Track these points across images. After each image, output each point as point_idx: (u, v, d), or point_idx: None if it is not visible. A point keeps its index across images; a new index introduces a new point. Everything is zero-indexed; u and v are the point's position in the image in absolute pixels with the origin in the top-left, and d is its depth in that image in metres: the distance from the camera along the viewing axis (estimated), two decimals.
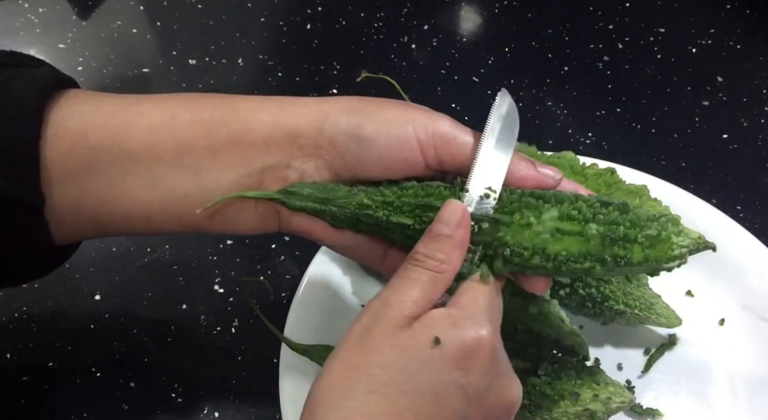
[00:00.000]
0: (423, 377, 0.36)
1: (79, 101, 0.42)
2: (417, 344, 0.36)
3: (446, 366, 0.36)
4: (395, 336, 0.37)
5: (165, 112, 0.42)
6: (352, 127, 0.41)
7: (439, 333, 0.36)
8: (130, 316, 0.59)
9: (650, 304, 0.54)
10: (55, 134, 0.40)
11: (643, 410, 0.52)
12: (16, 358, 0.56)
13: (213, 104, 0.43)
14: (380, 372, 0.36)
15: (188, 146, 0.41)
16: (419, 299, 0.38)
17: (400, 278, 0.39)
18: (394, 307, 0.37)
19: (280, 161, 0.42)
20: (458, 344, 0.37)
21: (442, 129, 0.41)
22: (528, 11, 0.85)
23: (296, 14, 0.84)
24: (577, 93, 0.76)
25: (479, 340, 0.37)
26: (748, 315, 0.56)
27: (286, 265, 0.62)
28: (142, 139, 0.41)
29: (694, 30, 0.82)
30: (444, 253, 0.39)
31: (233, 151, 0.42)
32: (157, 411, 0.54)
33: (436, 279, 0.39)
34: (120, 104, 0.42)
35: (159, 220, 0.43)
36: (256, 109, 0.43)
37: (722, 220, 0.59)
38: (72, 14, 0.83)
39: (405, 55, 0.79)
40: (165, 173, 0.41)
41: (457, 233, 0.39)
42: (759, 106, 0.75)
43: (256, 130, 0.42)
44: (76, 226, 0.43)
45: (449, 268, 0.39)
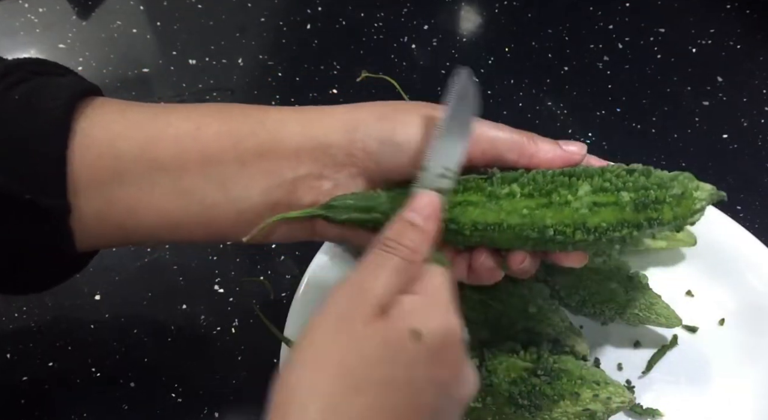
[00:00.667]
0: (402, 371, 0.36)
1: (106, 110, 0.42)
2: (396, 337, 0.36)
3: (423, 361, 0.36)
4: (373, 327, 0.36)
5: (191, 123, 0.42)
6: (384, 133, 0.42)
7: (415, 324, 0.36)
8: (130, 316, 0.59)
9: (650, 304, 0.54)
10: (83, 143, 0.40)
11: (643, 410, 0.52)
12: (16, 358, 0.56)
13: (240, 115, 0.43)
14: (360, 366, 0.35)
15: (216, 157, 0.41)
16: (390, 285, 0.37)
17: (369, 264, 0.38)
18: (366, 294, 0.37)
19: (312, 171, 0.42)
20: (433, 337, 0.36)
21: None
22: (528, 11, 0.85)
23: (296, 14, 0.84)
24: (577, 93, 0.76)
25: (451, 332, 0.37)
26: (748, 315, 0.56)
27: (286, 265, 0.62)
28: (170, 150, 0.41)
29: (694, 30, 0.82)
30: (413, 242, 0.39)
31: (262, 162, 0.42)
32: (157, 411, 0.54)
33: (405, 266, 0.38)
34: (147, 114, 0.42)
35: (186, 230, 0.43)
36: (285, 119, 0.43)
37: (722, 220, 0.59)
38: (72, 14, 0.83)
39: (405, 55, 0.79)
40: (192, 184, 0.41)
41: (428, 225, 0.40)
42: (759, 106, 0.75)
43: (286, 140, 0.42)
44: (101, 234, 0.43)
45: (419, 259, 0.39)
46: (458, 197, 0.43)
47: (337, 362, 0.35)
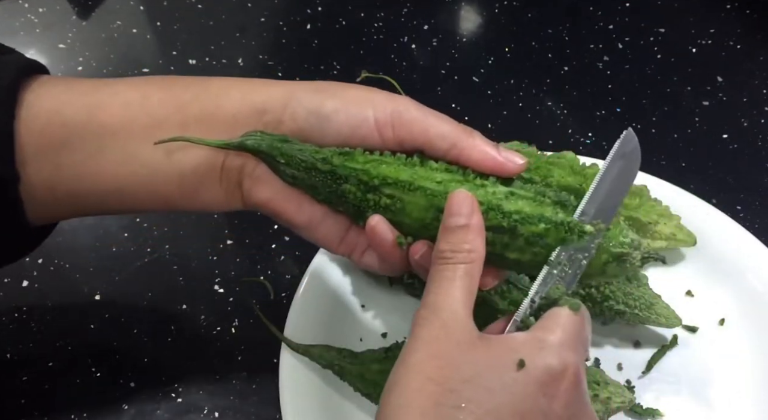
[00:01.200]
0: (507, 398, 0.35)
1: (53, 84, 0.43)
2: (500, 364, 0.36)
3: (531, 390, 0.36)
4: (472, 350, 0.36)
5: (138, 92, 0.43)
6: (313, 103, 0.43)
7: (524, 355, 0.36)
8: (130, 316, 0.59)
9: (650, 304, 0.54)
10: (29, 114, 0.41)
11: (643, 410, 0.52)
12: (16, 358, 0.56)
13: (185, 83, 0.44)
14: (463, 388, 0.35)
15: (160, 121, 0.42)
16: (463, 296, 0.38)
17: (436, 281, 0.39)
18: (447, 312, 0.37)
19: None
20: (544, 369, 0.36)
21: (399, 109, 0.43)
22: (528, 11, 0.85)
23: (296, 14, 0.84)
24: (577, 93, 0.76)
25: (565, 366, 0.37)
26: (748, 315, 0.56)
27: (286, 265, 0.62)
28: (116, 116, 0.42)
29: (694, 30, 0.82)
30: (468, 243, 0.39)
31: (203, 126, 0.43)
32: (157, 411, 0.54)
33: (470, 270, 0.39)
34: (93, 85, 0.43)
35: (132, 196, 0.44)
36: (228, 87, 0.44)
37: (722, 220, 0.59)
38: (72, 14, 0.83)
39: (405, 55, 0.79)
40: (138, 148, 0.42)
41: (473, 220, 0.40)
42: (759, 106, 0.75)
43: (226, 105, 0.43)
44: (52, 203, 0.43)
45: (477, 256, 0.39)
46: (374, 156, 0.43)
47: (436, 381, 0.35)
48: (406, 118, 0.42)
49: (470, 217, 0.40)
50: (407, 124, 0.42)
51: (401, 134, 0.43)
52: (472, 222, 0.40)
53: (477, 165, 0.43)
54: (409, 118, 0.42)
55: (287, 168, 0.43)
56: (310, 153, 0.43)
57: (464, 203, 0.40)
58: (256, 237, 0.64)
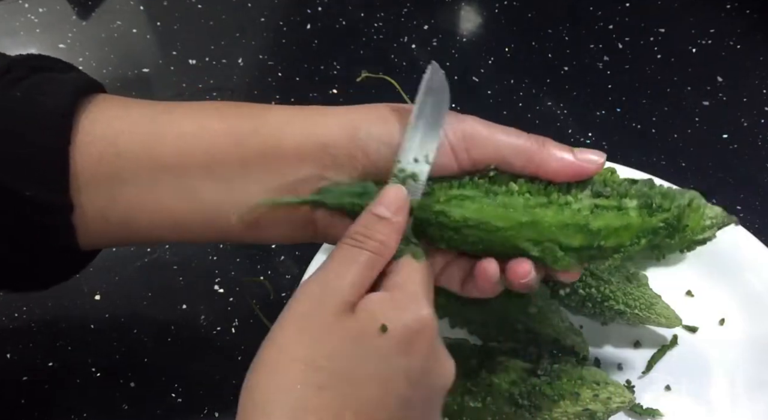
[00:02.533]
0: (371, 366, 0.36)
1: (108, 107, 0.42)
2: (364, 333, 0.36)
3: (392, 352, 0.36)
4: (340, 324, 0.36)
5: (194, 122, 0.42)
6: (384, 135, 0.41)
7: (384, 319, 0.36)
8: (130, 316, 0.59)
9: (650, 304, 0.54)
10: (84, 140, 0.40)
11: (643, 410, 0.52)
12: (16, 358, 0.56)
13: (243, 114, 0.43)
14: (328, 364, 0.35)
15: (218, 156, 0.41)
16: (357, 282, 0.37)
17: (337, 259, 0.38)
18: (331, 290, 0.37)
19: (314, 172, 0.42)
20: (402, 329, 0.36)
21: (469, 130, 0.41)
22: (528, 11, 0.85)
23: (296, 14, 0.84)
24: (577, 93, 0.76)
25: (422, 322, 0.37)
26: (748, 315, 0.56)
27: (286, 265, 0.62)
28: (172, 149, 0.41)
29: (694, 30, 0.82)
30: (384, 236, 0.39)
31: (264, 162, 0.41)
32: (157, 411, 0.54)
33: (375, 261, 0.38)
34: (149, 112, 0.42)
35: (189, 229, 0.43)
36: (287, 119, 0.42)
37: None
38: (72, 14, 0.83)
39: (405, 55, 0.79)
40: (195, 183, 0.41)
41: (397, 218, 0.39)
42: (759, 106, 0.75)
43: (287, 140, 0.41)
44: (104, 232, 0.42)
45: (387, 252, 0.39)
46: (453, 191, 0.42)
47: (302, 360, 0.35)
48: (478, 139, 0.41)
49: (395, 214, 0.39)
50: (480, 146, 0.41)
51: (475, 156, 0.42)
52: (396, 219, 0.39)
53: (556, 175, 0.41)
54: (481, 139, 0.41)
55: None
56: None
57: (395, 199, 0.40)
58: None
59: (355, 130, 0.42)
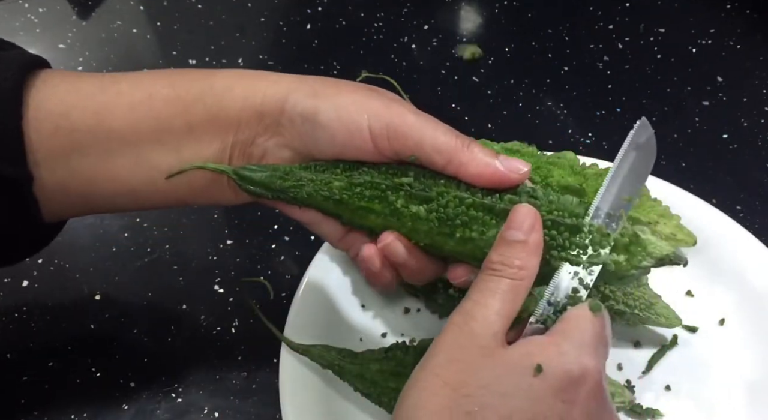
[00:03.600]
0: (523, 403, 0.35)
1: (57, 82, 0.42)
2: (518, 369, 0.35)
3: (548, 395, 0.35)
4: (492, 356, 0.36)
5: (143, 91, 0.43)
6: (308, 110, 0.42)
7: (541, 360, 0.35)
8: (130, 316, 0.59)
9: (650, 304, 0.54)
10: (37, 116, 0.41)
11: (643, 410, 0.52)
12: (16, 358, 0.56)
13: (189, 80, 0.44)
14: (479, 393, 0.35)
15: (167, 123, 0.42)
16: (502, 310, 0.37)
17: (478, 290, 0.38)
18: (479, 321, 0.37)
19: (247, 137, 0.44)
20: (562, 373, 0.35)
21: (395, 121, 0.42)
22: (528, 11, 0.85)
23: (296, 14, 0.84)
24: (577, 93, 0.76)
25: (584, 371, 0.36)
26: (748, 315, 0.56)
27: (286, 265, 0.62)
28: (124, 119, 0.42)
29: (694, 30, 0.82)
30: (520, 260, 0.38)
31: (209, 127, 0.43)
32: (157, 411, 0.54)
33: (516, 287, 0.38)
34: (98, 84, 0.43)
35: (145, 197, 0.44)
36: (231, 85, 0.43)
37: (722, 220, 0.59)
38: (72, 14, 0.83)
39: (405, 55, 0.79)
40: (148, 151, 0.42)
41: (531, 237, 0.39)
42: (759, 106, 0.75)
43: (230, 106, 0.43)
44: (65, 204, 0.43)
45: (527, 274, 0.38)
46: (360, 202, 0.43)
47: (451, 385, 0.35)
48: (401, 130, 0.41)
49: (529, 233, 0.39)
50: (402, 137, 0.41)
51: (396, 146, 0.42)
52: (530, 239, 0.39)
53: (476, 180, 0.41)
54: (405, 131, 0.41)
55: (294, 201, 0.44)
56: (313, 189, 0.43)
57: (527, 218, 0.39)
58: (256, 237, 0.64)
59: (284, 101, 0.43)
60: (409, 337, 0.55)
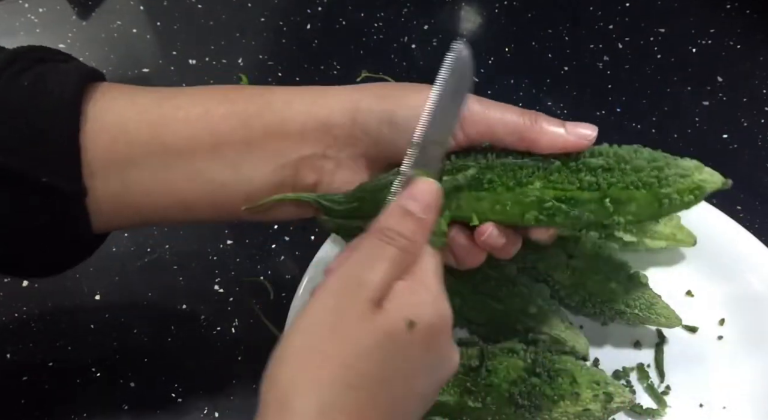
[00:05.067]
0: (397, 364, 0.36)
1: (115, 95, 0.43)
2: (393, 331, 0.36)
3: (416, 350, 0.36)
4: (371, 320, 0.36)
5: (200, 106, 0.43)
6: (384, 114, 0.42)
7: (409, 314, 0.36)
8: (130, 316, 0.59)
9: (650, 304, 0.54)
10: (94, 128, 0.41)
11: (643, 410, 0.52)
12: (16, 358, 0.56)
13: (247, 96, 0.44)
14: (358, 362, 0.35)
15: (224, 138, 0.42)
16: (386, 279, 0.37)
17: (368, 254, 0.38)
18: (362, 287, 0.36)
19: (315, 151, 0.43)
20: (427, 326, 0.37)
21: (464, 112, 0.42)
22: (528, 11, 0.85)
23: (296, 14, 0.84)
24: (577, 93, 0.76)
25: (442, 317, 0.38)
26: (748, 315, 0.56)
27: (286, 265, 0.62)
28: (180, 133, 0.42)
29: (694, 30, 0.82)
30: (413, 233, 0.38)
31: (268, 143, 0.43)
32: (157, 411, 0.54)
33: (404, 259, 0.38)
34: (155, 98, 0.43)
35: (198, 210, 0.44)
36: (290, 100, 0.43)
37: (722, 220, 0.59)
38: (72, 14, 0.83)
39: (405, 55, 0.79)
40: (203, 165, 0.42)
41: (427, 214, 0.39)
42: (759, 106, 0.75)
43: (291, 121, 0.43)
44: (117, 216, 0.43)
45: (416, 250, 0.39)
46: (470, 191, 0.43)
47: (332, 359, 0.35)
48: (471, 118, 0.42)
49: (425, 211, 0.39)
50: (473, 124, 0.42)
51: (470, 133, 0.43)
52: (425, 217, 0.39)
53: (549, 150, 0.43)
54: (475, 117, 0.42)
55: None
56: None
57: (426, 195, 0.40)
58: (256, 237, 0.64)
59: (355, 110, 0.43)
60: None
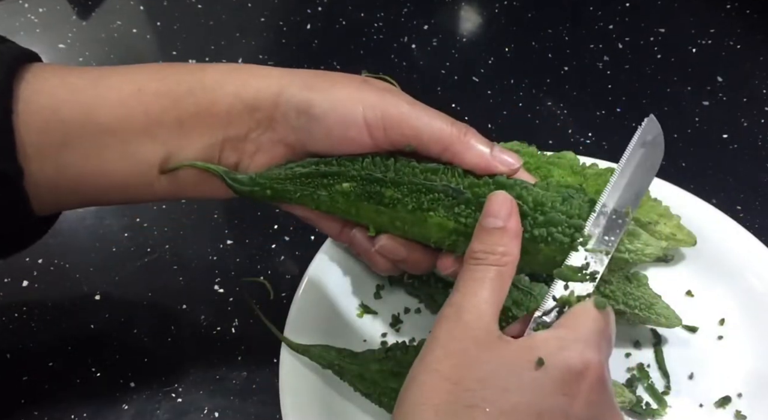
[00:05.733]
0: (525, 397, 0.35)
1: (47, 76, 0.42)
2: (519, 362, 0.35)
3: (550, 389, 0.35)
4: (490, 349, 0.36)
5: (133, 85, 0.43)
6: (303, 103, 0.42)
7: (543, 354, 0.35)
8: (130, 316, 0.59)
9: (650, 304, 0.54)
10: (27, 109, 0.41)
11: (643, 410, 0.52)
12: (16, 358, 0.56)
13: (180, 74, 0.43)
14: (479, 387, 0.35)
15: (156, 118, 0.42)
16: (491, 298, 0.37)
17: (465, 280, 0.38)
18: (471, 311, 0.37)
19: (239, 133, 0.43)
20: (563, 367, 0.35)
21: (390, 111, 0.42)
22: (528, 11, 0.85)
23: (296, 14, 0.84)
24: (577, 93, 0.76)
25: (587, 365, 0.36)
26: (748, 315, 0.56)
27: (286, 265, 0.62)
28: (114, 113, 0.42)
29: (694, 30, 0.82)
30: (502, 246, 0.39)
31: (199, 122, 0.43)
32: (157, 411, 0.54)
33: (502, 273, 0.38)
34: (89, 78, 0.43)
35: (135, 191, 0.44)
36: (222, 80, 0.43)
37: (722, 220, 0.59)
38: (72, 14, 0.83)
39: (405, 55, 0.79)
40: (137, 145, 0.42)
41: (510, 223, 0.39)
42: (759, 106, 0.75)
43: (220, 102, 0.43)
44: (56, 198, 0.43)
45: (511, 260, 0.39)
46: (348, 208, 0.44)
47: (450, 380, 0.35)
48: (396, 120, 0.42)
49: (507, 219, 0.39)
50: (398, 127, 0.42)
51: (392, 136, 0.42)
52: (509, 225, 0.39)
53: (470, 167, 0.42)
54: (400, 120, 0.42)
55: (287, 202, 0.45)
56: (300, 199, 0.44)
57: (504, 205, 0.39)
58: (256, 237, 0.64)
59: (278, 94, 0.43)
60: (409, 337, 0.55)
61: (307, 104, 0.42)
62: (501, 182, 0.41)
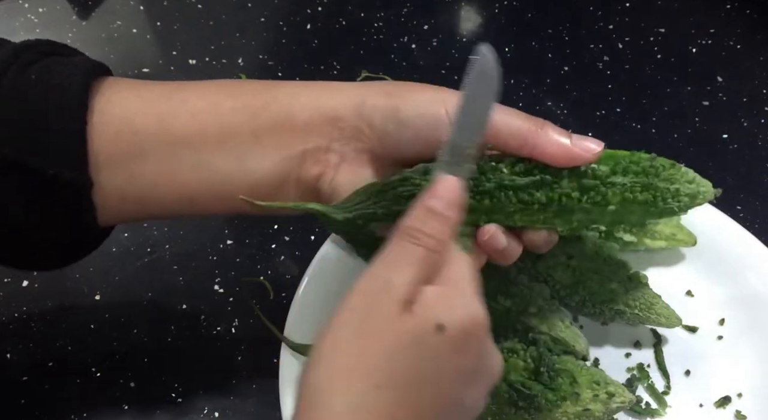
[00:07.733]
0: (426, 366, 0.36)
1: (121, 88, 0.43)
2: (422, 333, 0.36)
3: (447, 352, 0.36)
4: (399, 322, 0.36)
5: (207, 100, 0.43)
6: (389, 109, 0.43)
7: (440, 316, 0.36)
8: (130, 316, 0.59)
9: (650, 304, 0.54)
10: (100, 120, 0.41)
11: (643, 410, 0.52)
12: (16, 358, 0.56)
13: (254, 90, 0.44)
14: (386, 363, 0.35)
15: (231, 131, 0.42)
16: (414, 279, 0.37)
17: (395, 256, 0.38)
18: (390, 289, 0.36)
19: (320, 144, 0.43)
20: (458, 329, 0.36)
21: None
22: (528, 11, 0.85)
23: (296, 14, 0.84)
24: (577, 93, 0.76)
25: (476, 321, 0.37)
26: (748, 315, 0.56)
27: (286, 265, 0.62)
28: (188, 125, 0.42)
29: (694, 30, 0.82)
30: (439, 232, 0.38)
31: (275, 135, 0.43)
32: (157, 411, 0.54)
33: (431, 258, 0.38)
34: (162, 91, 0.43)
35: (203, 202, 0.44)
36: (296, 93, 0.44)
37: (722, 220, 0.59)
38: (72, 14, 0.83)
39: (405, 55, 0.79)
40: (209, 157, 0.42)
41: (451, 212, 0.39)
42: (759, 106, 0.75)
43: (297, 113, 0.43)
44: (122, 209, 0.43)
45: (443, 249, 0.38)
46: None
47: (361, 360, 0.35)
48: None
49: (449, 208, 0.39)
50: None
51: None
52: (449, 215, 0.39)
53: (552, 160, 0.43)
54: None
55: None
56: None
57: (449, 193, 0.39)
58: (256, 237, 0.64)
59: (361, 105, 0.43)
60: None
61: (393, 110, 0.42)
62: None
